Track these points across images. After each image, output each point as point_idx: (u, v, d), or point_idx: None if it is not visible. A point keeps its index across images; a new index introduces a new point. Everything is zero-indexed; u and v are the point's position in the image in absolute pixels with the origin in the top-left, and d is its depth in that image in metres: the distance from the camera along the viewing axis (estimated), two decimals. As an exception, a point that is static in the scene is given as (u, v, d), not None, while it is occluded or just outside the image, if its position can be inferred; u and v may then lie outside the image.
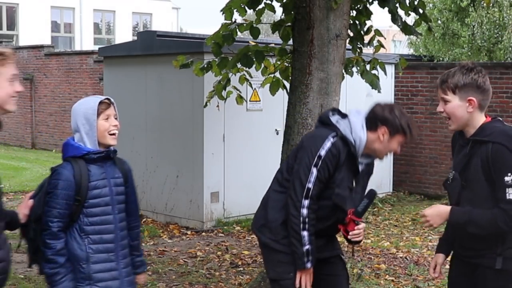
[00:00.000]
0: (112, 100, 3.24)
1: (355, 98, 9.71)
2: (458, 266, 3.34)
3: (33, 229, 3.16)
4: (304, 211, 3.35)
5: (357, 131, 3.41)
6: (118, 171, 3.27)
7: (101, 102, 3.18)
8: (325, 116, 3.55)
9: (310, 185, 3.34)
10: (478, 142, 3.10)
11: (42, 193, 3.18)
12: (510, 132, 3.06)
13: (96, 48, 16.39)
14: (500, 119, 3.22)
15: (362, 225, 3.43)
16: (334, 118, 3.50)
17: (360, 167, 3.52)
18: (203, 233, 8.03)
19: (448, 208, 3.15)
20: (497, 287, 3.16)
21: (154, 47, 8.73)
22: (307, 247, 3.38)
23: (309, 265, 3.41)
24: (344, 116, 3.53)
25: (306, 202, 3.35)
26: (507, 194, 2.99)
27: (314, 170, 3.34)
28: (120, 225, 3.25)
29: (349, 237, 3.42)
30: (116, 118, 3.23)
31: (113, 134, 3.20)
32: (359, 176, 3.54)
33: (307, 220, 3.36)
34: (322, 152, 3.35)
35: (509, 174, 2.99)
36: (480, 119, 3.15)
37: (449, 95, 3.13)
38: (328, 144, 3.37)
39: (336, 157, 3.36)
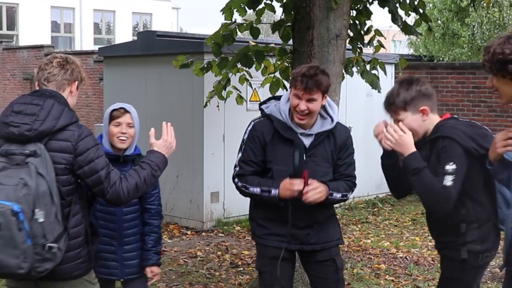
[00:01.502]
0: (129, 109, 3.67)
1: (355, 98, 9.71)
2: (440, 259, 3.44)
3: None
4: (239, 183, 3.68)
5: (281, 105, 3.60)
6: None
7: (115, 110, 3.66)
8: (259, 105, 3.78)
9: (237, 168, 3.68)
10: (433, 140, 3.20)
11: None
12: (458, 126, 3.16)
13: (96, 48, 16.38)
14: (456, 116, 3.32)
15: (314, 183, 3.47)
16: (266, 105, 3.71)
17: (308, 140, 3.56)
18: (203, 233, 8.03)
19: (413, 148, 3.15)
20: (454, 277, 3.25)
21: (154, 47, 8.73)
22: (256, 189, 3.60)
23: (274, 192, 3.53)
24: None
25: (236, 180, 3.70)
26: (445, 181, 3.05)
27: (239, 154, 3.69)
28: (126, 217, 3.69)
29: (305, 191, 3.46)
30: (131, 127, 3.72)
31: (122, 139, 3.66)
32: (312, 149, 3.56)
33: (245, 182, 3.65)
34: (245, 136, 3.68)
35: (451, 163, 3.06)
36: (435, 120, 3.27)
37: (401, 114, 3.24)
38: (249, 128, 3.68)
39: (258, 137, 3.60)
